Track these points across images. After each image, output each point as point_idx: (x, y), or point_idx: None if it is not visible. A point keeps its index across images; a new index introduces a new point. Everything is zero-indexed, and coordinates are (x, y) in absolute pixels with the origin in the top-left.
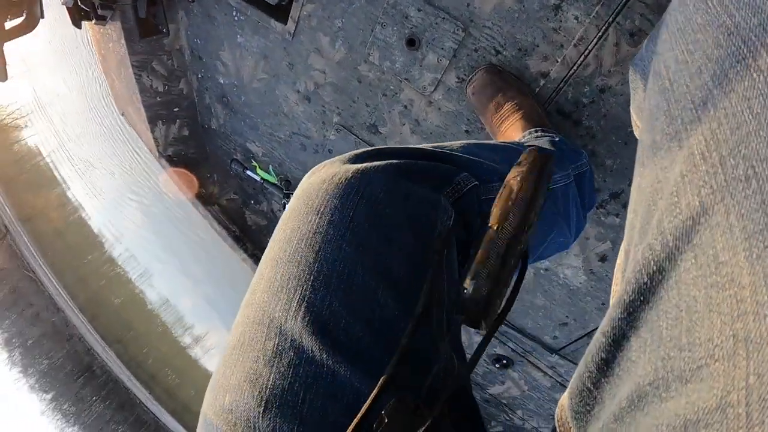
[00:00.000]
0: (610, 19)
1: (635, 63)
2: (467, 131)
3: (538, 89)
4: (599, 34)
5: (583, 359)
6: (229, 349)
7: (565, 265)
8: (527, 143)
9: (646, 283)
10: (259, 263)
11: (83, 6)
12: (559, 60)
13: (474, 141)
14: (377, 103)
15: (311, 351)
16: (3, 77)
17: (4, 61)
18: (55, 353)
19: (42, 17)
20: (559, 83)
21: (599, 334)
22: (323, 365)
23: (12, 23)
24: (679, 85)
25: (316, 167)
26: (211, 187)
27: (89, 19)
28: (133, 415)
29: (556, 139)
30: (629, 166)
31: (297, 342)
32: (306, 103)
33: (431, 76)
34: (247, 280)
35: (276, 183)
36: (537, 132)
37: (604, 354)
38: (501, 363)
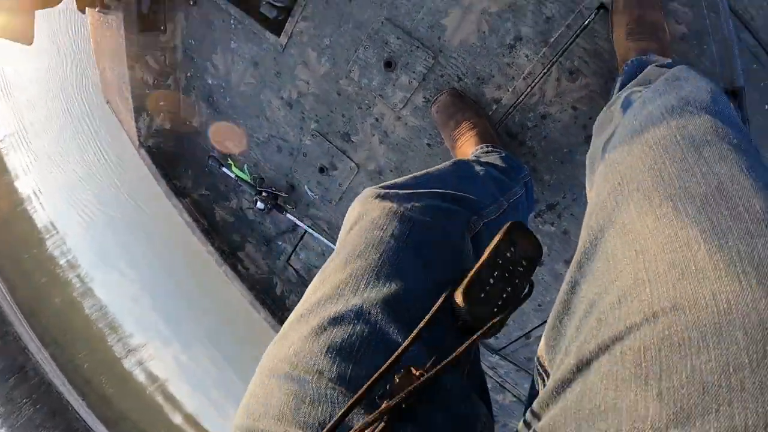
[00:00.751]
0: (554, 59)
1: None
2: (428, 144)
3: (491, 112)
4: (544, 70)
5: (553, 308)
6: (296, 316)
7: None
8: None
9: (587, 248)
10: (329, 260)
11: None
12: (510, 89)
13: (462, 175)
14: (352, 115)
15: (368, 315)
16: (29, 41)
17: (33, 26)
18: None
19: None
20: (509, 108)
21: (563, 285)
22: (376, 326)
23: None
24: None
25: (367, 194)
26: (185, 181)
27: (94, 6)
28: (65, 422)
29: (503, 155)
30: (564, 181)
31: (358, 308)
32: (287, 109)
33: (402, 94)
34: (198, 291)
35: (249, 181)
36: (488, 147)
37: (564, 297)
38: None
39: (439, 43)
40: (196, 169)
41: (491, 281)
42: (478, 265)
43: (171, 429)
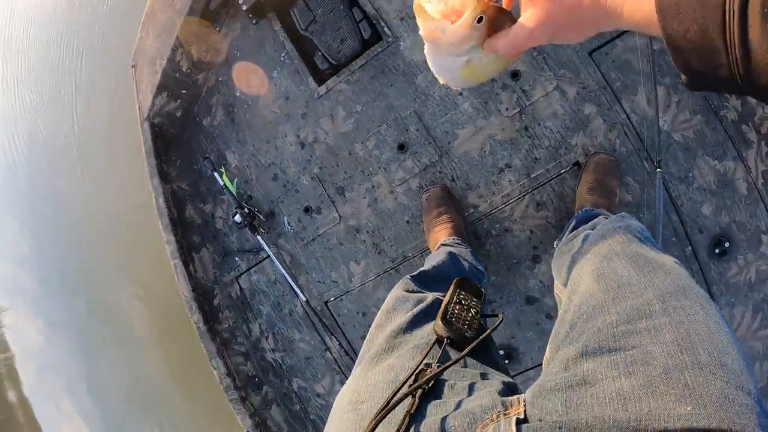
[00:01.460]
0: (529, 190)
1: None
2: (408, 221)
3: (467, 214)
4: (519, 196)
5: (552, 332)
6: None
7: None
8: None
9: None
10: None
11: None
12: (488, 201)
13: (457, 256)
14: (353, 174)
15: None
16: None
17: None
18: None
19: None
20: (482, 216)
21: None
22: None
23: None
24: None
25: (405, 284)
26: (171, 169)
27: None
28: None
29: (468, 249)
30: (505, 285)
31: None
32: (299, 147)
33: (402, 174)
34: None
35: (233, 193)
36: (457, 239)
37: (558, 321)
38: None
39: (448, 147)
40: (185, 162)
41: (456, 311)
42: (444, 304)
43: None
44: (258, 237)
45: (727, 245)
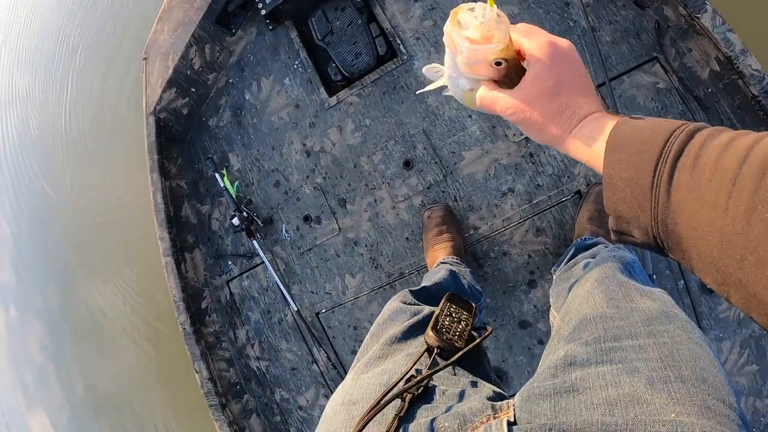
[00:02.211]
0: (530, 215)
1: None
2: (407, 238)
3: (467, 234)
4: (520, 220)
5: (547, 344)
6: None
7: None
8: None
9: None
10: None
11: None
12: (489, 224)
13: (457, 274)
14: (357, 187)
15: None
16: None
17: None
18: None
19: None
20: (482, 237)
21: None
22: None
23: None
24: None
25: (404, 297)
26: (171, 166)
27: None
28: None
29: (467, 269)
30: (500, 308)
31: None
32: (304, 156)
33: (406, 191)
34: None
35: (233, 196)
36: (456, 259)
37: (553, 334)
38: None
39: (453, 167)
40: (186, 161)
41: (446, 322)
42: (435, 316)
43: None
44: (254, 242)
45: None
